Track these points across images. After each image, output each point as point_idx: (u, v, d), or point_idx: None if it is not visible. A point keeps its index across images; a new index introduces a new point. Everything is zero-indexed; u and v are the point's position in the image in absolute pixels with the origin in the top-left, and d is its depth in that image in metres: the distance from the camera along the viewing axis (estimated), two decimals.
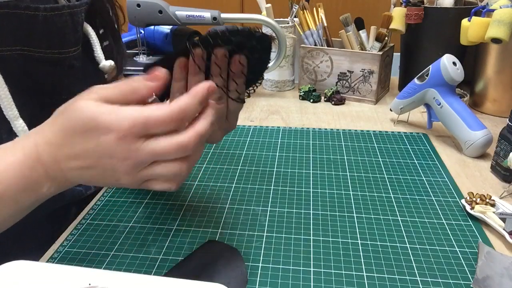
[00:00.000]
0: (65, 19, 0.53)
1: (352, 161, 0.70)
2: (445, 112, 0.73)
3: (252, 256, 0.49)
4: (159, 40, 1.13)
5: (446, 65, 0.72)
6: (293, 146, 0.75)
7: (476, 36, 0.81)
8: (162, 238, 0.52)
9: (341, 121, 0.87)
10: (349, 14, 0.96)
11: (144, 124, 0.35)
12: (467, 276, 0.46)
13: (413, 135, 0.79)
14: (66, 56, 0.54)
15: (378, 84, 0.93)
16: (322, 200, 0.60)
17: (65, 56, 0.54)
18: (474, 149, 0.70)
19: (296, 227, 0.54)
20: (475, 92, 0.92)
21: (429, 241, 0.51)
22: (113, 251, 0.50)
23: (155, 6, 0.85)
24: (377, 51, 0.92)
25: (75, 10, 0.54)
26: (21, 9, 0.48)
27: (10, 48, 0.49)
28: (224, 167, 0.69)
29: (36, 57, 0.51)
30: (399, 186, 0.63)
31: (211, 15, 0.85)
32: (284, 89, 1.05)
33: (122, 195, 0.61)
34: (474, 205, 0.55)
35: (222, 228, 0.54)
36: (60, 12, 0.52)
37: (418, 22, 0.91)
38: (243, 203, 0.59)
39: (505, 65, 0.84)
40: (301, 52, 0.99)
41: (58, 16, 0.52)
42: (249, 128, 0.83)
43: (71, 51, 0.55)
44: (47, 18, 0.51)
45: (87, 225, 0.55)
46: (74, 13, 0.54)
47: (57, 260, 0.49)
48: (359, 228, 0.54)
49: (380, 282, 0.45)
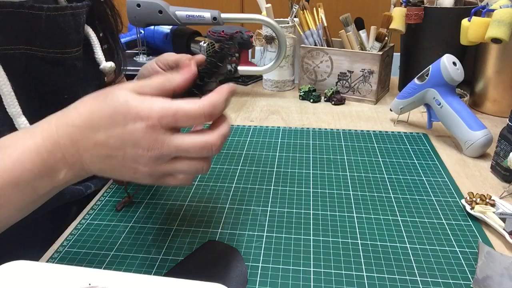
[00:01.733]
0: (68, 20, 0.53)
1: (352, 161, 0.70)
2: (445, 112, 0.73)
3: (252, 256, 0.49)
4: (159, 40, 1.13)
5: (446, 65, 0.72)
6: (293, 146, 0.75)
7: (476, 36, 0.81)
8: (162, 238, 0.52)
9: (341, 121, 0.87)
10: (349, 14, 0.96)
11: (174, 115, 0.35)
12: (467, 276, 0.46)
13: (413, 135, 0.79)
14: (68, 56, 0.55)
15: (378, 84, 0.93)
16: (322, 200, 0.60)
17: (67, 56, 0.55)
18: (474, 149, 0.70)
19: (296, 227, 0.54)
20: (475, 92, 0.92)
21: (429, 241, 0.51)
22: (113, 251, 0.50)
23: (155, 6, 0.85)
24: (377, 51, 0.92)
25: (77, 11, 0.55)
26: (26, 8, 0.49)
27: (14, 47, 0.50)
28: (224, 167, 0.69)
29: (39, 56, 0.52)
30: (399, 186, 0.63)
31: (211, 15, 0.85)
32: (284, 89, 1.05)
33: (122, 195, 0.61)
34: (474, 205, 0.55)
35: (222, 228, 0.54)
36: (63, 13, 0.53)
37: (418, 22, 0.91)
38: (243, 203, 0.59)
39: (505, 65, 0.84)
40: (301, 52, 0.99)
41: (61, 16, 0.53)
42: (249, 128, 0.83)
43: (73, 51, 0.56)
44: (51, 18, 0.51)
45: (87, 225, 0.55)
46: (76, 13, 0.55)
47: (57, 260, 0.49)
48: (359, 228, 0.54)
49: (380, 282, 0.45)
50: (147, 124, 0.35)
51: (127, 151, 0.36)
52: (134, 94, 0.36)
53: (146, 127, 0.35)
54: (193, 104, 0.36)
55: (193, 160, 0.38)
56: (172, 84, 0.39)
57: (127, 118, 0.35)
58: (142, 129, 0.35)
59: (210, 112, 0.36)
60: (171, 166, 0.38)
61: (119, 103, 0.36)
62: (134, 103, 0.36)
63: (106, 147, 0.37)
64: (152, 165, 0.37)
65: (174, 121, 0.36)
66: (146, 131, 0.35)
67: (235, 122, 0.86)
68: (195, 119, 0.36)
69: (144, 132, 0.35)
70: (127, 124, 0.35)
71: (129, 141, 0.36)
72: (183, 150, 0.37)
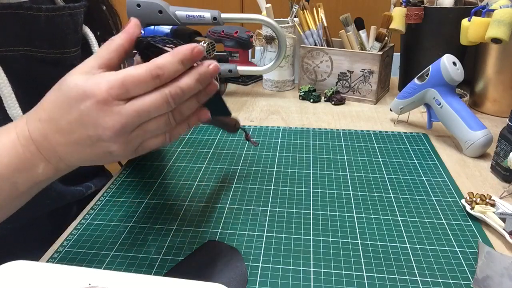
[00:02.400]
0: (66, 20, 0.53)
1: (352, 161, 0.70)
2: (445, 112, 0.73)
3: (252, 256, 0.49)
4: None
5: (446, 65, 0.72)
6: (293, 146, 0.75)
7: (476, 36, 0.81)
8: (162, 238, 0.52)
9: (341, 121, 0.87)
10: (349, 14, 0.96)
11: (122, 84, 0.35)
12: (467, 276, 0.46)
13: (413, 135, 0.79)
14: (67, 56, 0.55)
15: (378, 84, 0.93)
16: (322, 200, 0.60)
17: (66, 56, 0.55)
18: (474, 149, 0.70)
19: (296, 227, 0.54)
20: (475, 92, 0.92)
21: (429, 241, 0.51)
22: (113, 251, 0.50)
23: (155, 6, 0.85)
24: (377, 51, 0.92)
25: (75, 11, 0.55)
26: (24, 9, 0.49)
27: (13, 49, 0.50)
28: (224, 167, 0.69)
29: (38, 57, 0.52)
30: (399, 186, 0.63)
31: (211, 15, 0.85)
32: (284, 89, 1.05)
33: (122, 195, 0.61)
34: (474, 205, 0.55)
35: (222, 228, 0.54)
36: (61, 13, 0.53)
37: (418, 22, 0.91)
38: (243, 203, 0.59)
39: (505, 65, 0.84)
40: (301, 52, 0.99)
41: (59, 17, 0.52)
42: (249, 128, 0.83)
43: (72, 51, 0.56)
44: (49, 19, 0.51)
45: (87, 225, 0.55)
46: (74, 13, 0.55)
47: (57, 260, 0.49)
48: (359, 228, 0.54)
49: (380, 282, 0.45)
50: (97, 100, 0.35)
51: (89, 133, 0.36)
52: (83, 74, 0.36)
53: (97, 103, 0.35)
54: (140, 68, 0.35)
55: (159, 116, 0.37)
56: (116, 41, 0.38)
57: (79, 99, 0.35)
58: (95, 106, 0.35)
59: (156, 73, 0.35)
60: (139, 133, 0.37)
61: (69, 87, 0.36)
62: (82, 83, 0.35)
63: (71, 134, 0.37)
64: (120, 139, 0.36)
65: (124, 90, 0.35)
66: (99, 107, 0.35)
67: None
68: (145, 82, 0.35)
69: (97, 109, 0.35)
70: (80, 105, 0.35)
71: (88, 122, 0.36)
72: (143, 111, 0.36)
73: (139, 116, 0.36)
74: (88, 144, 0.37)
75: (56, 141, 0.37)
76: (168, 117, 0.38)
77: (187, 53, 0.36)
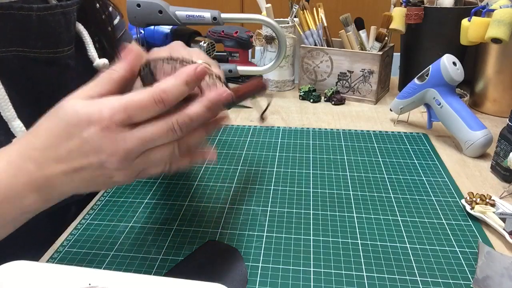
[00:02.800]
0: (58, 19, 0.53)
1: (352, 161, 0.70)
2: (445, 112, 0.73)
3: (252, 256, 0.49)
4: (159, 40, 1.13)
5: (446, 65, 0.72)
6: (293, 146, 0.75)
7: (476, 36, 0.81)
8: (162, 238, 0.52)
9: (341, 121, 0.87)
10: (349, 14, 0.96)
11: (125, 110, 0.34)
12: (467, 276, 0.46)
13: (413, 135, 0.79)
14: (61, 56, 0.54)
15: (378, 84, 0.93)
16: (322, 200, 0.60)
17: (60, 55, 0.54)
18: (474, 149, 0.70)
19: (296, 227, 0.54)
20: (475, 92, 0.92)
21: (429, 241, 0.51)
22: (113, 251, 0.50)
23: (155, 6, 0.85)
24: (377, 51, 0.92)
25: (67, 9, 0.54)
26: (15, 9, 0.48)
27: (6, 49, 0.49)
28: (224, 167, 0.69)
29: (31, 57, 0.51)
30: (399, 186, 0.63)
31: (211, 15, 0.85)
32: (284, 89, 1.05)
33: (122, 195, 0.61)
34: (474, 205, 0.55)
35: (222, 228, 0.54)
36: (53, 12, 0.52)
37: (418, 22, 0.91)
38: (243, 203, 0.59)
39: (505, 65, 0.84)
40: (301, 52, 0.99)
41: (51, 16, 0.52)
42: (249, 128, 0.83)
43: (65, 50, 0.55)
44: (41, 18, 0.50)
45: (87, 225, 0.55)
46: (67, 12, 0.54)
47: (57, 260, 0.49)
48: (359, 228, 0.54)
49: (380, 282, 0.45)
50: (101, 126, 0.34)
51: (91, 160, 0.35)
52: (83, 100, 0.35)
53: (101, 130, 0.34)
54: (143, 93, 0.34)
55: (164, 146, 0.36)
56: (118, 72, 0.37)
57: (80, 126, 0.34)
58: (98, 133, 0.34)
59: (160, 97, 0.34)
60: (143, 161, 0.36)
61: (69, 114, 0.35)
62: (83, 109, 0.34)
63: (70, 162, 0.35)
64: (122, 166, 0.35)
65: (127, 116, 0.34)
66: (102, 134, 0.34)
67: (235, 122, 0.86)
68: (147, 108, 0.34)
69: (100, 136, 0.34)
70: (82, 133, 0.34)
71: (90, 149, 0.34)
72: (148, 140, 0.35)
73: (143, 143, 0.35)
74: (88, 172, 0.36)
75: (52, 170, 0.36)
76: (173, 147, 0.37)
77: (191, 73, 0.35)
